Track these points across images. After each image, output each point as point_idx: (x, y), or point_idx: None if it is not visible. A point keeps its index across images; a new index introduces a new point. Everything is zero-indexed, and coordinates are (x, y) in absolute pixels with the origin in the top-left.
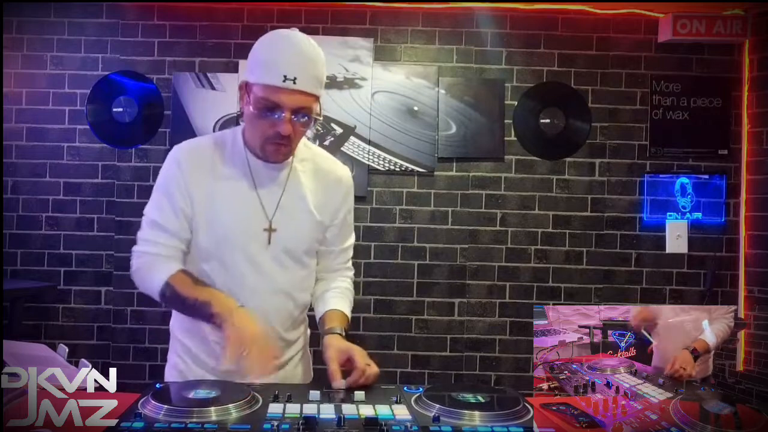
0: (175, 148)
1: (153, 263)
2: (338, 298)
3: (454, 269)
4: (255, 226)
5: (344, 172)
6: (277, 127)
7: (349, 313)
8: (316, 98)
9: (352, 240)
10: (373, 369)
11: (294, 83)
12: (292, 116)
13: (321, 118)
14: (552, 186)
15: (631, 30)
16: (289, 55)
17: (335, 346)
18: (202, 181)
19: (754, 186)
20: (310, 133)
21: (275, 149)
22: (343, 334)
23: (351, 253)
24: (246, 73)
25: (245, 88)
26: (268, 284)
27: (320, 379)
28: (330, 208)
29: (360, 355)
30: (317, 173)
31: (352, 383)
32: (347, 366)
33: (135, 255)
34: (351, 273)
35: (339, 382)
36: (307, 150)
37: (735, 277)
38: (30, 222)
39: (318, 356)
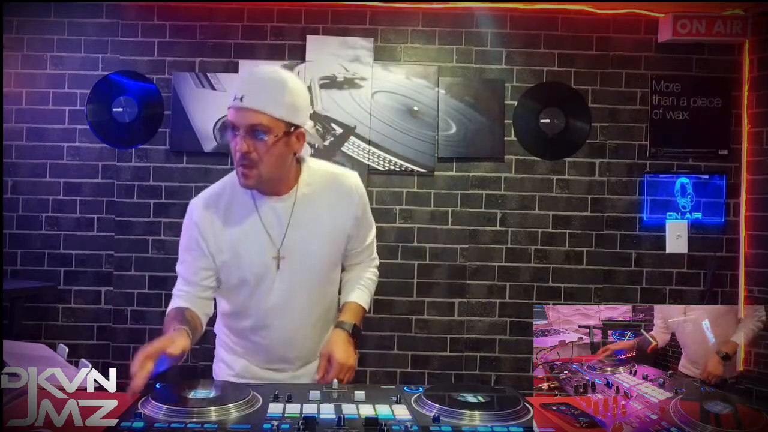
0: (191, 204)
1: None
2: (358, 290)
3: (454, 269)
4: (267, 259)
5: (351, 179)
6: (236, 147)
7: (366, 303)
8: (273, 119)
9: (373, 234)
10: (339, 375)
11: (241, 101)
12: (247, 134)
13: (304, 142)
14: (552, 186)
15: (631, 30)
16: (241, 78)
17: (330, 341)
18: (216, 231)
19: (754, 186)
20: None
21: (241, 172)
22: (350, 329)
23: (374, 246)
24: None
25: None
26: (295, 308)
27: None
28: (350, 218)
29: (336, 361)
30: (327, 191)
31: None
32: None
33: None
34: (375, 262)
35: (317, 377)
36: (311, 173)
37: (735, 277)
38: (30, 222)
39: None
